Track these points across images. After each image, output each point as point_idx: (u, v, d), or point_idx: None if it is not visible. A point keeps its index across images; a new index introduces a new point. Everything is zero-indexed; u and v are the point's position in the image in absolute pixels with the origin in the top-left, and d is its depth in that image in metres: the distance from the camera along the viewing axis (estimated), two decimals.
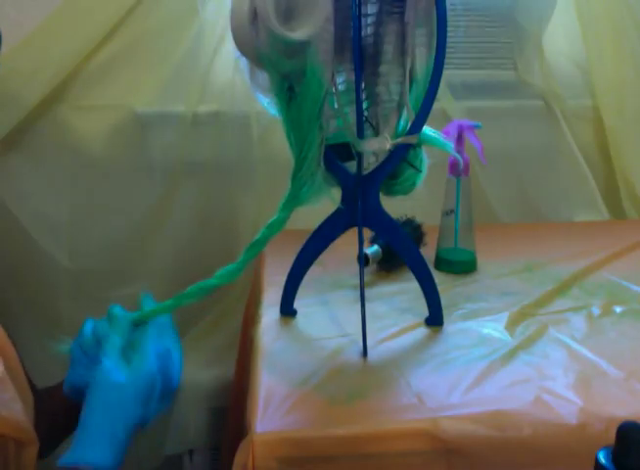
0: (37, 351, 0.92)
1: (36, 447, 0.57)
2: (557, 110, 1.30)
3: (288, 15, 0.62)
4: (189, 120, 1.20)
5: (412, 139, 0.70)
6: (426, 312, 0.79)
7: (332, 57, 0.64)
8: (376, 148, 0.71)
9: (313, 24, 0.62)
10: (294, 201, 0.70)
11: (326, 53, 0.63)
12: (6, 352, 0.61)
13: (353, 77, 0.68)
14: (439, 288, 0.78)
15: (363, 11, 0.67)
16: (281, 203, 0.71)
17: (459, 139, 0.92)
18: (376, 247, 0.94)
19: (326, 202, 0.73)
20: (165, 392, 0.65)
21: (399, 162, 0.72)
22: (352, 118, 0.70)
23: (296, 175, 0.70)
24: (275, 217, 0.71)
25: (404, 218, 1.02)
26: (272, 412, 0.62)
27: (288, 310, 0.82)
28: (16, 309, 1.22)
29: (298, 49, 0.63)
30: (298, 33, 0.62)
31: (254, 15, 0.62)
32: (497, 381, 0.67)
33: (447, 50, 0.68)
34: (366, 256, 0.92)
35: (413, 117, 0.70)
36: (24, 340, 1.06)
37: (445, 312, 0.80)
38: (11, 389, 0.57)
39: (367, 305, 0.73)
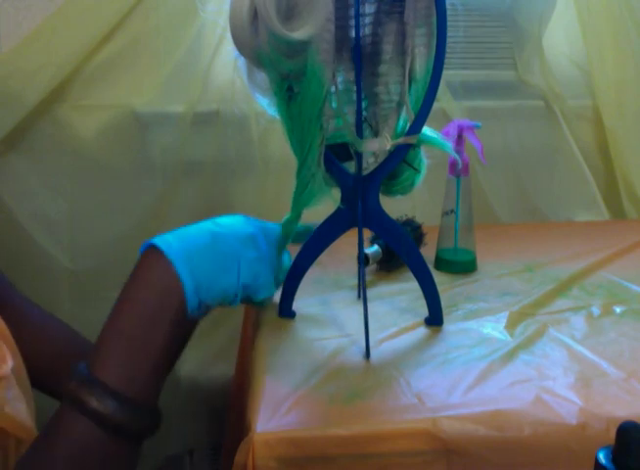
0: None
1: None
2: (557, 110, 1.30)
3: (288, 14, 0.62)
4: (189, 120, 1.20)
5: (412, 139, 0.70)
6: (426, 312, 0.79)
7: (332, 57, 0.64)
8: (376, 148, 0.71)
9: (314, 24, 0.62)
10: (298, 201, 0.71)
11: (327, 53, 0.63)
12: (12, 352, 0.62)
13: (351, 77, 0.68)
14: (439, 288, 0.78)
15: (361, 10, 0.66)
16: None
17: (459, 139, 0.92)
18: (376, 247, 0.94)
19: (326, 202, 0.73)
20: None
21: (399, 162, 0.72)
22: (351, 118, 0.70)
23: (298, 175, 0.70)
24: (286, 217, 0.74)
25: (404, 218, 1.02)
26: (272, 412, 0.62)
27: (287, 311, 0.82)
28: None
29: (299, 49, 0.63)
30: (299, 33, 0.62)
31: (254, 14, 0.62)
32: (497, 381, 0.67)
33: (447, 50, 0.68)
34: (366, 256, 0.92)
35: (413, 117, 0.70)
36: None
37: (445, 312, 0.80)
38: (15, 387, 0.57)
39: (367, 305, 0.73)
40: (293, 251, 0.78)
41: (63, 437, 0.53)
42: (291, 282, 0.80)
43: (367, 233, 0.92)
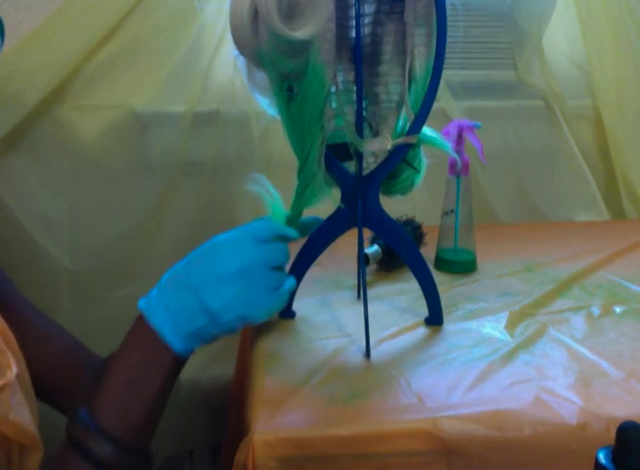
0: None
1: (40, 454, 0.58)
2: (557, 110, 1.30)
3: (289, 13, 0.62)
4: (189, 120, 1.20)
5: (412, 139, 0.70)
6: (426, 312, 0.80)
7: (334, 56, 0.64)
8: (376, 148, 0.71)
9: (316, 24, 0.61)
10: (299, 201, 0.71)
11: (328, 52, 0.63)
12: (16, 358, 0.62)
13: (351, 77, 0.68)
14: (439, 288, 0.78)
15: (360, 10, 0.66)
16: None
17: (459, 139, 0.92)
18: (376, 247, 0.94)
19: (326, 202, 0.73)
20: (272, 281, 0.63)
21: (399, 162, 0.72)
22: (351, 118, 0.69)
23: (300, 175, 0.70)
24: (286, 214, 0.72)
25: (404, 218, 1.02)
26: (272, 412, 0.62)
27: (287, 311, 0.82)
28: None
29: (300, 48, 0.63)
30: (301, 32, 0.61)
31: (255, 14, 0.62)
32: (497, 381, 0.67)
33: (447, 50, 0.68)
34: (366, 256, 0.92)
35: (412, 116, 0.70)
36: None
37: (445, 312, 0.80)
38: (19, 394, 0.57)
39: (367, 305, 0.73)
40: (293, 250, 0.77)
41: None
42: None
43: (367, 233, 0.92)
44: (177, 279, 0.63)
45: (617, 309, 0.84)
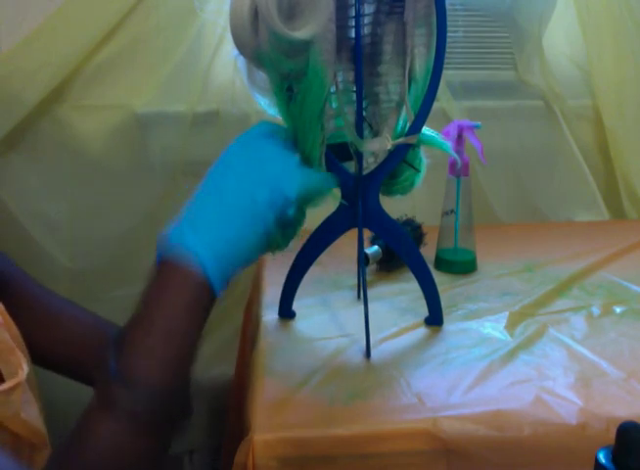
0: None
1: (48, 452, 0.58)
2: (557, 110, 1.30)
3: (289, 13, 0.62)
4: (189, 120, 1.20)
5: (412, 139, 0.70)
6: (426, 312, 0.80)
7: (334, 56, 0.64)
8: (377, 148, 0.71)
9: (317, 24, 0.61)
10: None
11: (328, 53, 0.63)
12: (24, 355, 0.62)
13: (351, 77, 0.68)
14: (439, 288, 0.78)
15: (360, 10, 0.66)
16: None
17: (459, 139, 0.92)
18: (376, 247, 0.94)
19: (326, 202, 0.73)
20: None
21: (399, 162, 0.72)
22: (351, 118, 0.69)
23: None
24: None
25: (404, 218, 1.02)
26: (272, 412, 0.62)
27: (287, 311, 0.82)
28: None
29: (300, 48, 0.62)
30: (302, 32, 0.61)
31: (255, 14, 0.62)
32: (497, 381, 0.67)
33: (447, 50, 0.68)
34: (366, 256, 0.92)
35: (412, 116, 0.70)
36: None
37: (445, 312, 0.80)
38: (29, 392, 0.57)
39: (367, 305, 0.73)
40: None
41: (93, 432, 0.53)
42: (291, 282, 0.80)
43: (367, 233, 0.92)
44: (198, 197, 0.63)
45: (617, 309, 0.84)
